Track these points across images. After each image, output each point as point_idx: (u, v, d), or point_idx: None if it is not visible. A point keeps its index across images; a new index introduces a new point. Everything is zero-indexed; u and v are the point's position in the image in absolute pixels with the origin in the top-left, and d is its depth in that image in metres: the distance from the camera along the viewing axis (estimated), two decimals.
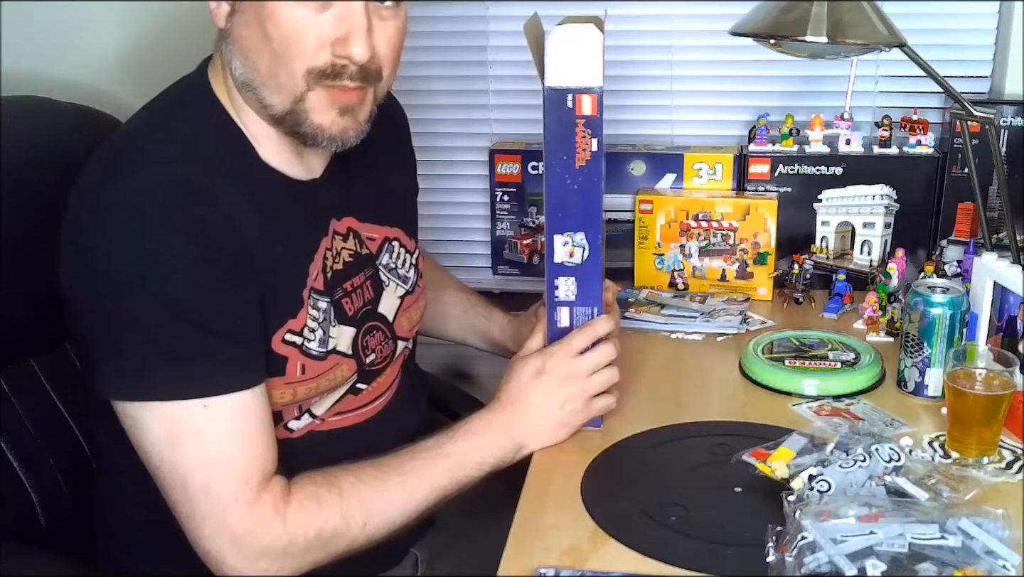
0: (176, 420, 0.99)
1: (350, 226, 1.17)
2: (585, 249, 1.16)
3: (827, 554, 0.90)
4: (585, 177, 1.13)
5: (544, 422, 1.16)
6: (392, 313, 1.22)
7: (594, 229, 1.15)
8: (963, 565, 0.89)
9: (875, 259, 1.64)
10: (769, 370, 1.33)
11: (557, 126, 1.12)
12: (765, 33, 1.32)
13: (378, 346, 1.19)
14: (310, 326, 1.08)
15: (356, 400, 1.18)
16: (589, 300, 1.18)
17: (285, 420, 1.11)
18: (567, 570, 0.94)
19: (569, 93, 1.11)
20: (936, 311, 1.24)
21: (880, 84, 1.74)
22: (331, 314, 1.11)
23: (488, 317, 1.44)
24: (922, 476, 1.05)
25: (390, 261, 1.23)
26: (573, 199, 1.14)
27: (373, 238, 1.21)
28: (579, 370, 1.16)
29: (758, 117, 1.69)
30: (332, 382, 1.13)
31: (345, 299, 1.14)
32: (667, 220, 1.64)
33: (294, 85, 1.01)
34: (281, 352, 1.06)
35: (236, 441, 1.01)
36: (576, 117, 1.12)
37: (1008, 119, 1.60)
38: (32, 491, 1.20)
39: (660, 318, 1.54)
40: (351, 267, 1.16)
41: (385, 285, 1.22)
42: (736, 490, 1.07)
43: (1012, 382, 1.12)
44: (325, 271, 1.11)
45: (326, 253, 1.12)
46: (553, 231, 1.15)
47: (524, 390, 1.16)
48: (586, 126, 1.12)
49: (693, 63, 1.79)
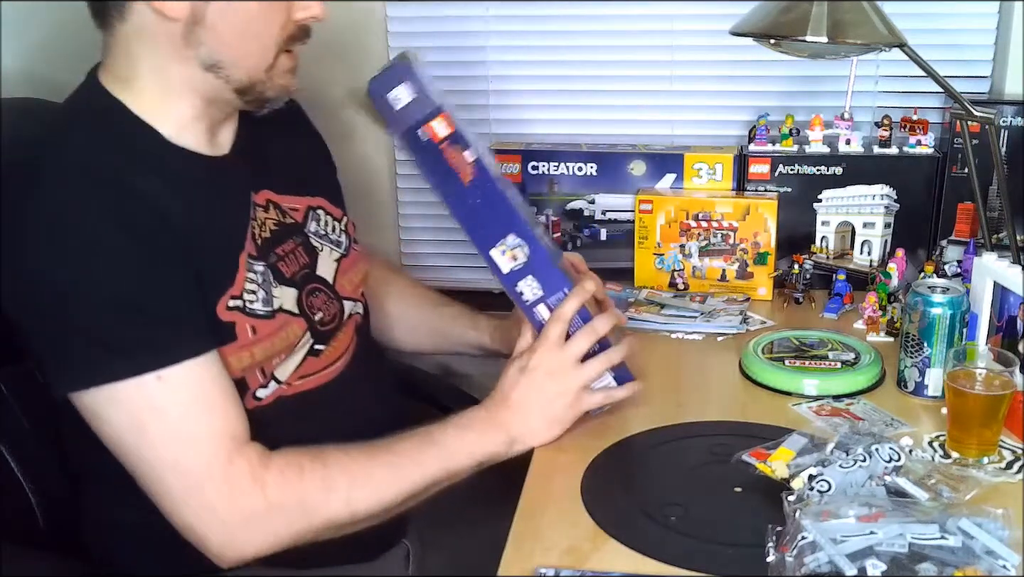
0: (134, 400, 1.00)
1: (268, 198, 1.19)
2: (523, 246, 1.16)
3: (827, 554, 0.89)
4: (481, 187, 1.14)
5: (535, 420, 1.16)
6: (331, 275, 1.24)
7: (518, 225, 1.16)
8: (963, 565, 0.89)
9: (875, 259, 1.64)
10: (769, 370, 1.33)
11: (427, 161, 1.14)
12: (765, 33, 1.32)
13: (323, 306, 1.20)
14: (249, 288, 1.10)
15: (317, 363, 1.18)
16: (555, 287, 1.18)
17: (252, 388, 1.12)
18: (567, 570, 0.94)
19: (418, 129, 1.13)
20: (936, 311, 1.24)
21: (880, 84, 1.74)
22: (270, 276, 1.13)
23: (475, 327, 1.44)
24: (922, 476, 1.05)
25: (318, 228, 1.24)
26: (483, 213, 1.15)
27: (296, 208, 1.23)
28: (562, 362, 1.16)
29: (758, 117, 1.69)
30: (286, 341, 1.14)
31: (280, 263, 1.16)
32: (667, 220, 1.64)
33: (267, 56, 1.08)
34: (227, 319, 1.08)
35: (198, 411, 1.02)
36: (438, 144, 1.13)
37: (1008, 119, 1.60)
38: (32, 491, 1.21)
39: (660, 318, 1.54)
40: (278, 235, 1.18)
41: (319, 250, 1.23)
42: (736, 490, 1.07)
43: (1012, 382, 1.12)
44: (255, 239, 1.13)
45: (251, 224, 1.14)
46: (486, 249, 1.17)
47: (512, 389, 1.16)
48: (452, 144, 1.13)
49: (693, 63, 1.79)
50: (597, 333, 1.17)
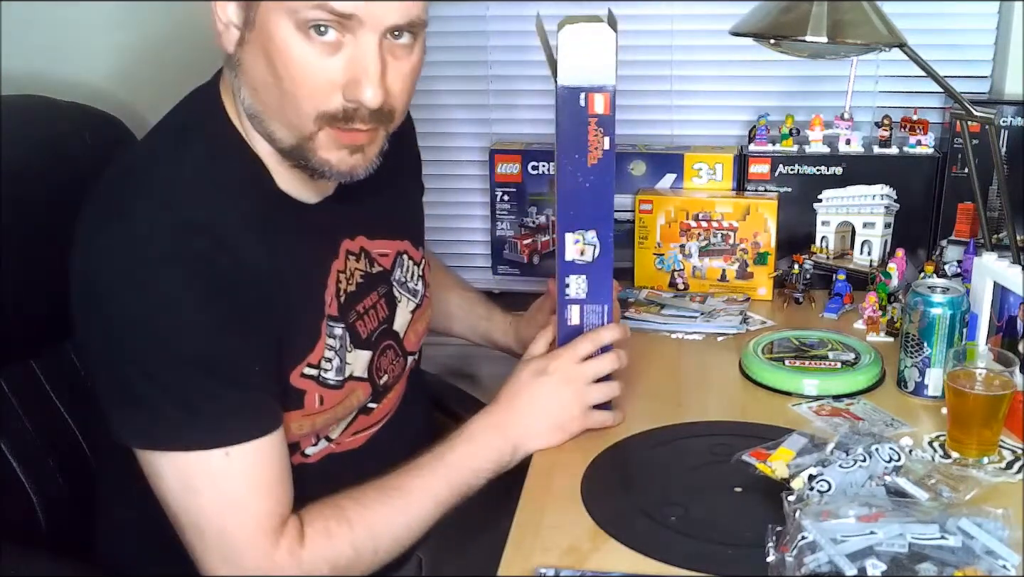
0: (191, 468, 0.97)
1: (362, 245, 1.15)
2: (596, 247, 1.16)
3: (827, 554, 0.89)
4: (597, 175, 1.13)
5: (540, 422, 1.16)
6: (403, 329, 1.22)
7: (605, 227, 1.15)
8: (963, 565, 0.89)
9: (875, 259, 1.64)
10: (769, 370, 1.33)
11: (569, 124, 1.11)
12: (765, 33, 1.32)
13: (390, 365, 1.19)
14: (327, 356, 1.07)
15: (368, 419, 1.18)
16: (600, 298, 1.18)
17: (302, 448, 1.10)
18: (567, 570, 0.94)
19: (582, 92, 1.10)
20: (936, 311, 1.24)
21: (880, 84, 1.74)
22: (347, 339, 1.10)
23: (489, 319, 1.44)
24: (922, 476, 1.05)
25: (402, 276, 1.21)
26: (585, 197, 1.13)
27: (385, 253, 1.19)
28: (581, 375, 1.17)
29: (758, 117, 1.69)
30: (348, 408, 1.13)
31: (358, 321, 1.13)
32: (667, 220, 1.64)
33: (303, 125, 0.98)
34: (299, 386, 1.05)
35: (254, 488, 0.99)
36: (588, 116, 1.11)
37: (1008, 119, 1.60)
38: (32, 491, 1.20)
39: (660, 318, 1.54)
40: (363, 288, 1.14)
41: (399, 301, 1.21)
42: (736, 490, 1.07)
43: (1012, 382, 1.12)
44: (339, 296, 1.09)
45: (339, 276, 1.10)
46: (565, 229, 1.15)
47: (523, 389, 1.16)
48: (598, 124, 1.12)
49: (693, 63, 1.79)
50: (620, 363, 1.18)
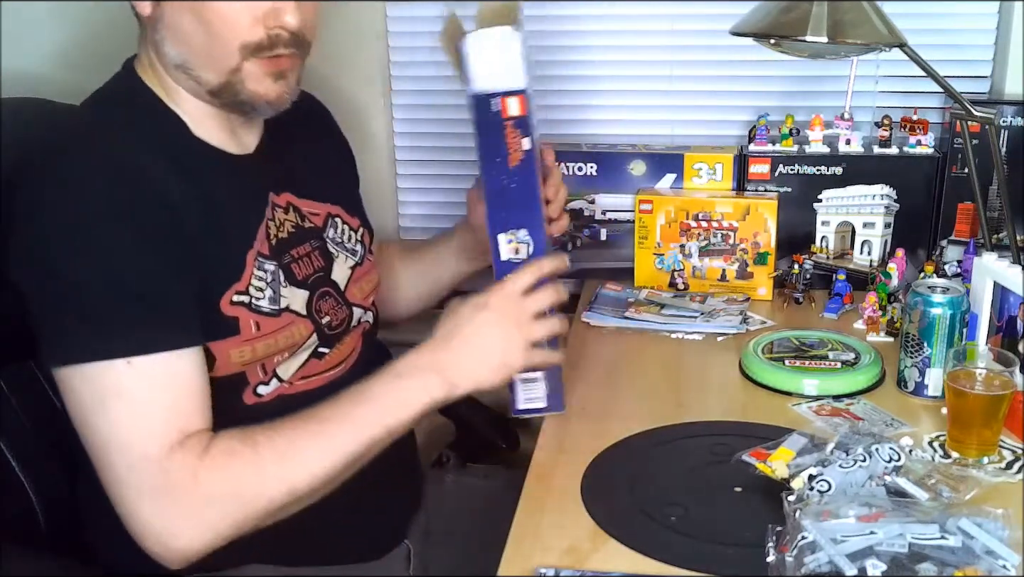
0: (99, 380, 1.01)
1: (289, 200, 1.20)
2: (529, 245, 1.17)
3: (827, 554, 0.89)
4: (521, 175, 1.15)
5: (480, 362, 1.13)
6: (343, 282, 1.25)
7: (536, 225, 1.17)
8: (963, 565, 0.89)
9: (875, 259, 1.64)
10: (769, 370, 1.33)
11: (487, 130, 1.14)
12: (765, 33, 1.32)
13: (332, 310, 1.21)
14: (256, 285, 1.11)
15: (320, 364, 1.19)
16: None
17: (252, 384, 1.12)
18: (567, 570, 0.94)
19: (494, 97, 1.13)
20: (936, 311, 1.24)
21: (880, 84, 1.74)
22: (280, 276, 1.14)
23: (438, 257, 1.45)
24: (922, 476, 1.05)
25: (336, 235, 1.26)
26: (512, 197, 1.16)
27: (316, 213, 1.24)
28: (523, 311, 1.14)
29: (758, 117, 1.69)
30: (290, 339, 1.14)
31: (294, 264, 1.17)
32: (667, 220, 1.64)
33: (229, 59, 1.07)
34: (230, 313, 1.09)
35: (158, 401, 1.02)
36: (504, 120, 1.14)
37: (1008, 119, 1.60)
38: (32, 491, 1.21)
39: (660, 318, 1.54)
40: (295, 237, 1.19)
41: (335, 256, 1.25)
42: (736, 490, 1.07)
43: (1012, 382, 1.12)
44: (269, 238, 1.15)
45: (268, 224, 1.15)
46: (496, 231, 1.17)
47: (463, 325, 1.13)
48: (515, 126, 1.14)
49: (693, 63, 1.79)
50: (559, 297, 1.16)
